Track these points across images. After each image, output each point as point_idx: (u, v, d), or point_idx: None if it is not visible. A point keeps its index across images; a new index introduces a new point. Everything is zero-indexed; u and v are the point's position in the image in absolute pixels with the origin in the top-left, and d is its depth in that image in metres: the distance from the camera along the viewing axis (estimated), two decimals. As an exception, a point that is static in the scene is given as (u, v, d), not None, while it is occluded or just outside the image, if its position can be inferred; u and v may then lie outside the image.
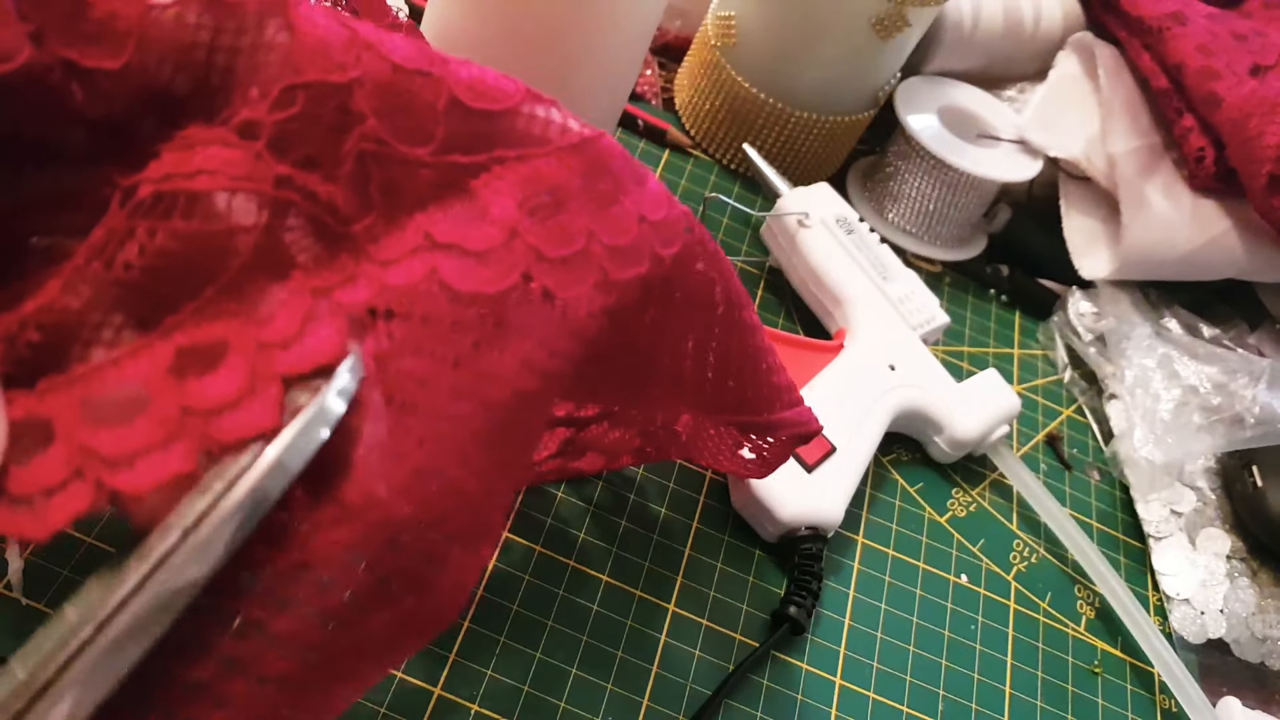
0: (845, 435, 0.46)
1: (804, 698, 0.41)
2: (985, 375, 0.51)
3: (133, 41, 0.22)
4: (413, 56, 0.25)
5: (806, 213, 0.53)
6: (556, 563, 0.41)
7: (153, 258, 0.22)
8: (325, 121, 0.24)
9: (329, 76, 0.23)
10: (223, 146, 0.23)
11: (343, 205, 0.24)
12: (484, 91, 0.25)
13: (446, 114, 0.25)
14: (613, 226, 0.27)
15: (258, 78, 0.23)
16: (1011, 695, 0.45)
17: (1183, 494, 0.53)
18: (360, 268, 0.24)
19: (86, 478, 0.19)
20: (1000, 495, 0.51)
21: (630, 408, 0.40)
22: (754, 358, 0.34)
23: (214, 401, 0.21)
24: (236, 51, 0.23)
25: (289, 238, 0.23)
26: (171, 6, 0.22)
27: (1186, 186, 0.60)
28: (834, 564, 0.46)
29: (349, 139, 0.24)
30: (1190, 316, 0.61)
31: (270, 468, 0.21)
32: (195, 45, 0.23)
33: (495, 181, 0.26)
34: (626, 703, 0.39)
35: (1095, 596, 0.49)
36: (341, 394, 0.22)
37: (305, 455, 0.22)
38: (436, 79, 0.25)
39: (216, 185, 0.22)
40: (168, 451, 0.20)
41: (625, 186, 0.28)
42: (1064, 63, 0.63)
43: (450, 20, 0.46)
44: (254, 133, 0.23)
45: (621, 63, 0.48)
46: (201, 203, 0.22)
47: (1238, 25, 0.61)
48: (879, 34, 0.53)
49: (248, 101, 0.23)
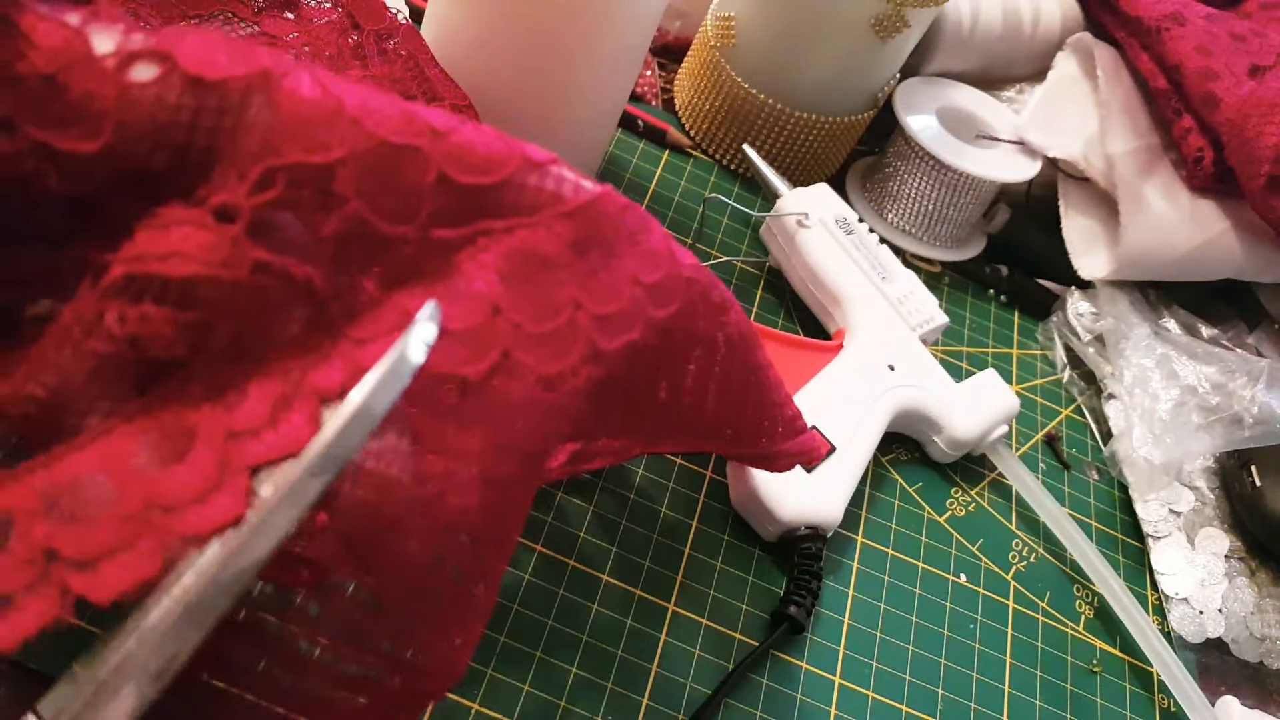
0: (845, 435, 0.46)
1: (803, 697, 0.41)
2: (984, 375, 0.51)
3: (110, 122, 0.21)
4: (401, 128, 0.24)
5: (806, 213, 0.53)
6: (556, 562, 0.41)
7: (121, 344, 0.21)
8: (306, 204, 0.23)
9: (311, 157, 0.22)
10: (198, 229, 0.22)
11: (321, 287, 0.23)
12: (475, 164, 0.24)
13: (434, 191, 0.24)
14: (602, 294, 0.26)
15: (237, 157, 0.22)
16: (1010, 694, 0.45)
17: (1181, 494, 0.54)
18: (337, 346, 0.23)
19: (51, 582, 0.19)
20: (999, 495, 0.52)
21: (631, 443, 0.40)
22: (756, 395, 0.34)
23: (180, 496, 0.20)
24: (217, 131, 0.22)
25: (264, 322, 0.23)
26: (151, 85, 0.21)
27: (1185, 187, 0.60)
28: (833, 563, 0.46)
29: (330, 221, 0.23)
30: (1189, 316, 0.61)
31: (354, 414, 0.21)
32: (175, 125, 0.22)
33: (480, 255, 0.25)
34: (626, 702, 0.39)
35: (1094, 596, 0.49)
36: (424, 343, 0.22)
37: (387, 405, 0.21)
38: (425, 154, 0.24)
39: (189, 270, 0.21)
40: (133, 551, 0.19)
41: (619, 250, 0.27)
42: (1063, 63, 0.63)
43: (451, 21, 0.46)
44: (231, 216, 0.22)
45: (621, 63, 0.48)
46: (174, 287, 0.21)
47: (1236, 26, 0.61)
48: (878, 35, 0.53)
49: (226, 183, 0.22)
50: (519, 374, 0.24)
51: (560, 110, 0.48)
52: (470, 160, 0.24)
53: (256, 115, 0.22)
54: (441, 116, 0.25)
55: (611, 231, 0.27)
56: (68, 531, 0.19)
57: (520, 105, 0.47)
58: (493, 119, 0.45)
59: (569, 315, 0.25)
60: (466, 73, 0.45)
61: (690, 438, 0.35)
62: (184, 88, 0.22)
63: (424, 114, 0.24)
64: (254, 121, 0.22)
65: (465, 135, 0.25)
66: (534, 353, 0.25)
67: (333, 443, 0.21)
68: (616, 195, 0.27)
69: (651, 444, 0.40)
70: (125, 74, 0.21)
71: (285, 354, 0.23)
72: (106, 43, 0.21)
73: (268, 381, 0.22)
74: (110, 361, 0.21)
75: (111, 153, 0.21)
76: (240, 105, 0.22)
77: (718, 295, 0.30)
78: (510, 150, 0.25)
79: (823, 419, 0.46)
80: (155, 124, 0.22)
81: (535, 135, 0.48)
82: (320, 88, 0.23)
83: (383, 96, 0.24)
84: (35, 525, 0.19)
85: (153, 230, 0.22)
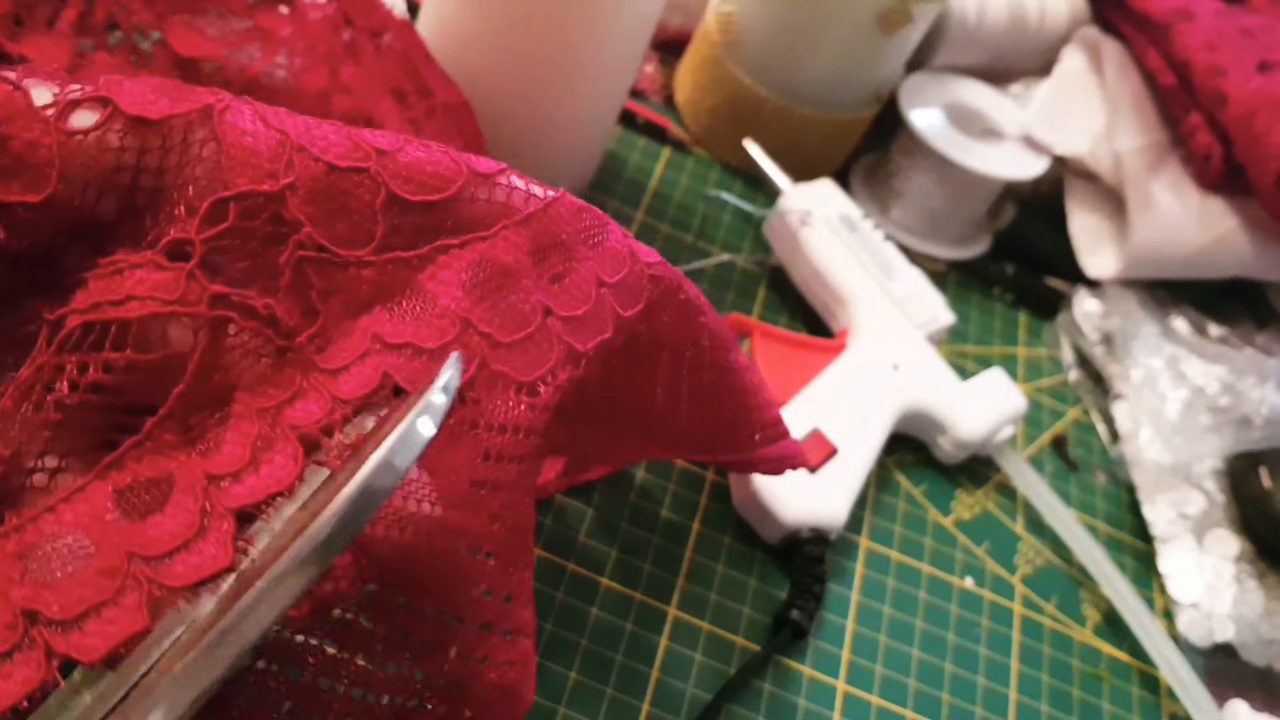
0: (848, 436, 0.45)
1: (806, 702, 0.41)
2: (990, 374, 0.50)
3: (55, 171, 0.21)
4: (347, 152, 0.24)
5: (809, 210, 0.52)
6: (556, 565, 0.41)
7: (85, 394, 0.21)
8: (259, 233, 0.23)
9: (259, 186, 0.22)
10: (152, 269, 0.21)
11: (284, 317, 0.23)
12: (423, 181, 0.24)
13: (385, 210, 0.24)
14: (569, 298, 0.26)
15: (185, 193, 0.22)
16: (1016, 700, 0.44)
17: (1190, 495, 0.53)
18: (309, 380, 0.23)
19: (36, 645, 0.18)
20: (1005, 497, 0.51)
21: (607, 453, 0.39)
22: (732, 398, 0.33)
23: (162, 545, 0.20)
24: (163, 171, 0.22)
25: (229, 359, 0.22)
26: (92, 130, 0.21)
27: (1194, 184, 0.59)
28: (836, 566, 0.45)
29: (286, 249, 0.23)
30: (1198, 315, 0.60)
31: (378, 467, 0.20)
32: (121, 168, 0.22)
33: (441, 273, 0.24)
34: (626, 708, 0.38)
35: (1101, 599, 0.49)
36: (445, 390, 0.21)
37: (414, 453, 0.20)
38: (373, 175, 0.24)
39: (147, 311, 0.21)
40: (119, 606, 0.19)
41: (579, 252, 0.27)
42: (1069, 58, 0.63)
43: (448, 17, 0.45)
44: (184, 252, 0.22)
45: (622, 59, 0.48)
46: (133, 331, 0.21)
47: (1245, 21, 0.60)
48: (883, 29, 0.53)
49: (176, 220, 0.22)
50: (498, 385, 0.24)
51: (559, 107, 0.47)
52: (419, 178, 0.24)
53: (201, 150, 0.22)
54: (386, 137, 0.24)
55: (569, 235, 0.27)
56: (47, 593, 0.19)
57: (518, 102, 0.46)
58: (490, 116, 0.45)
59: (539, 321, 0.25)
60: (463, 69, 0.44)
61: (666, 443, 0.35)
62: (126, 129, 0.22)
63: (368, 136, 0.24)
64: (199, 156, 0.22)
65: (411, 153, 0.24)
66: (510, 362, 0.24)
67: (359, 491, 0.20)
68: (570, 199, 0.27)
69: (632, 452, 0.39)
70: (66, 121, 0.21)
71: (257, 392, 0.22)
72: (45, 94, 0.21)
73: (242, 423, 0.22)
74: (75, 415, 0.21)
75: (59, 202, 0.21)
76: (184, 142, 0.22)
77: (684, 295, 0.30)
78: (457, 165, 0.25)
79: (826, 419, 0.45)
80: (100, 168, 0.21)
81: (534, 133, 0.48)
82: (261, 119, 0.23)
83: (325, 124, 0.24)
84: (12, 589, 0.19)
85: (106, 278, 0.21)
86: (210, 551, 0.20)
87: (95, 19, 0.37)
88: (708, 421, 0.33)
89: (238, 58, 0.38)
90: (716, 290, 0.54)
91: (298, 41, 0.39)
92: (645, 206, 0.56)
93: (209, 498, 0.21)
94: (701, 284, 0.53)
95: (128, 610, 0.19)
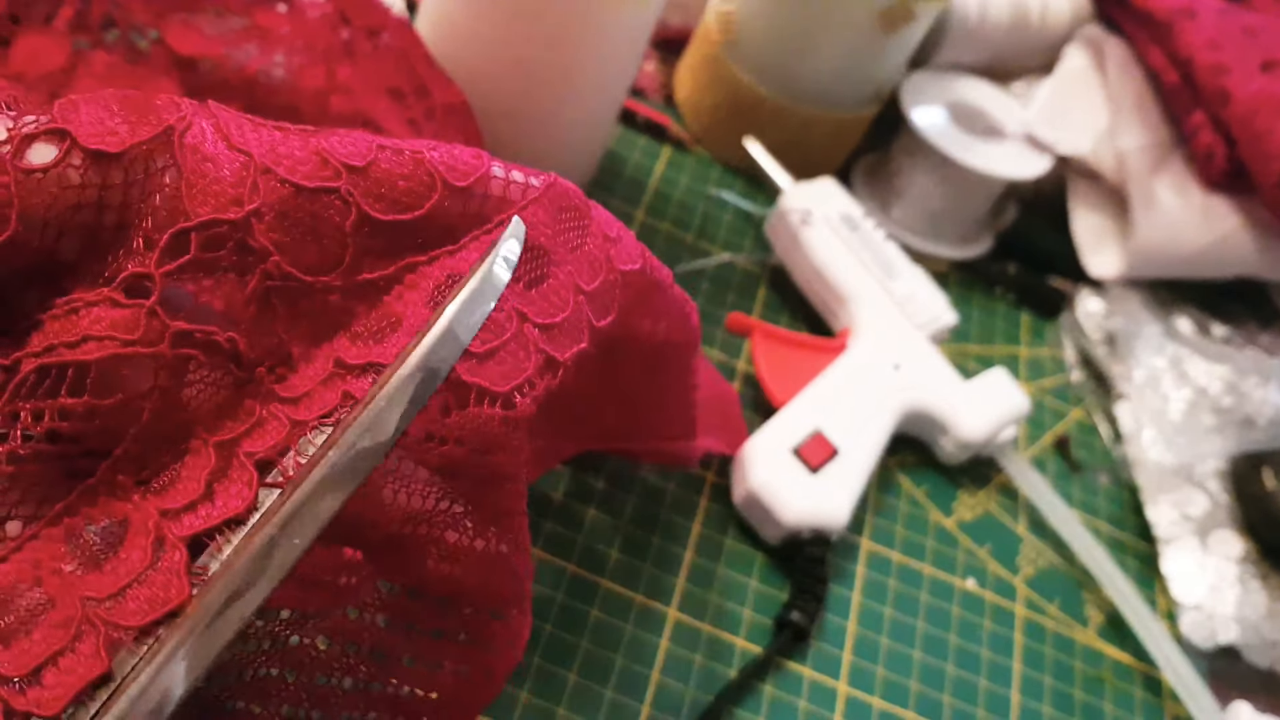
0: (849, 437, 0.45)
1: (808, 704, 0.41)
2: (993, 374, 0.50)
3: (13, 213, 0.20)
4: (315, 170, 0.22)
5: (810, 210, 0.52)
6: (555, 567, 0.41)
7: (40, 444, 0.20)
8: (223, 264, 0.21)
9: (223, 214, 0.21)
10: (109, 307, 0.20)
11: (247, 351, 0.22)
12: (395, 199, 0.23)
13: (355, 232, 0.23)
14: (546, 306, 0.25)
15: (144, 225, 0.21)
16: (1018, 702, 0.44)
17: (1193, 496, 0.53)
18: (268, 409, 0.22)
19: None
20: (1008, 497, 0.51)
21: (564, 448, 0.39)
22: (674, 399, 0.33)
23: (115, 584, 0.19)
24: (126, 207, 0.21)
25: (188, 394, 0.21)
26: (52, 166, 0.20)
27: (1197, 183, 0.59)
28: (838, 568, 0.45)
29: (253, 278, 0.22)
30: (1201, 315, 0.60)
31: (440, 336, 0.20)
32: (82, 206, 0.20)
33: (408, 293, 0.24)
34: (626, 710, 0.38)
35: (1104, 601, 0.48)
36: (507, 261, 0.21)
37: (472, 328, 0.20)
38: (343, 195, 0.23)
39: (105, 353, 0.20)
40: (75, 654, 0.18)
41: (557, 255, 0.26)
42: (1072, 57, 0.62)
43: (447, 15, 0.45)
44: (144, 288, 0.21)
45: (621, 57, 0.47)
46: (91, 374, 0.20)
47: (1248, 20, 0.60)
48: (884, 27, 0.52)
49: (134, 254, 0.21)
50: (475, 398, 0.23)
51: (559, 106, 0.47)
52: (391, 194, 0.23)
53: (161, 179, 0.21)
54: (359, 148, 0.23)
55: (548, 239, 0.26)
56: (2, 652, 0.18)
57: (517, 101, 0.46)
58: (489, 115, 0.45)
59: (515, 328, 0.24)
60: (462, 68, 0.44)
61: (596, 440, 0.35)
62: (86, 165, 0.20)
63: (338, 150, 0.23)
64: (159, 186, 0.21)
65: (385, 166, 0.23)
66: (483, 373, 0.23)
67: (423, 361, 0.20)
68: (555, 192, 0.26)
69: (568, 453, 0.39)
70: (23, 159, 0.20)
71: (214, 426, 0.22)
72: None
73: (199, 458, 0.21)
74: (29, 464, 0.20)
75: (18, 244, 0.20)
76: (146, 174, 0.21)
77: (659, 299, 0.29)
78: (433, 178, 0.24)
79: (827, 420, 0.45)
80: (61, 208, 0.20)
81: (534, 131, 0.48)
82: (224, 139, 0.22)
83: (293, 138, 0.23)
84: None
85: (61, 318, 0.20)
86: (162, 582, 0.19)
87: (92, 17, 0.36)
88: (643, 418, 0.33)
89: (235, 56, 0.38)
90: (717, 290, 0.53)
91: (296, 40, 0.39)
92: (645, 205, 0.55)
93: (162, 530, 0.20)
94: (702, 284, 0.53)
95: (85, 658, 0.18)
